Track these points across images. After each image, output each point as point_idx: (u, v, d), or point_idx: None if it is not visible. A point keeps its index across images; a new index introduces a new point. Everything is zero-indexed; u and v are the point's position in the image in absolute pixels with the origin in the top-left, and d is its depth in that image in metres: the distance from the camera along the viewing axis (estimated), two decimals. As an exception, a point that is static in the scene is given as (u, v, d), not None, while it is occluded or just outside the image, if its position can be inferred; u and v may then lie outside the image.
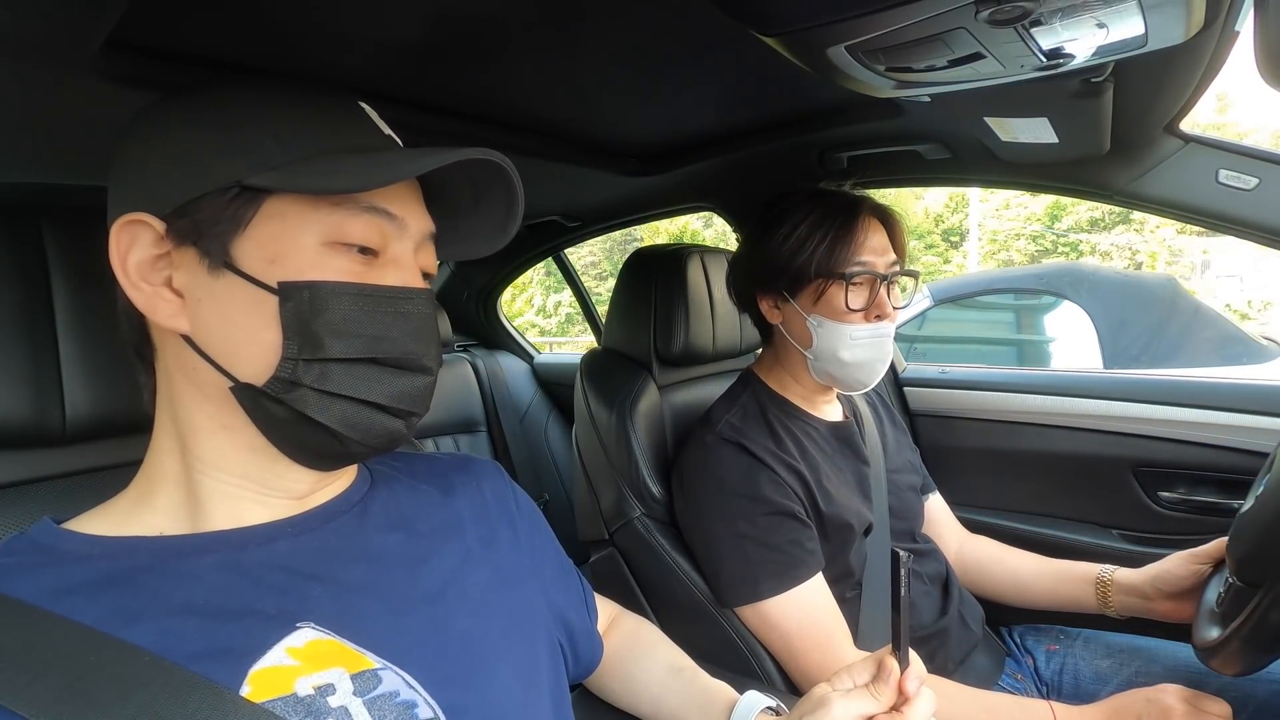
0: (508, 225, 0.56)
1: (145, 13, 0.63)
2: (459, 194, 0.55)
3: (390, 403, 0.49)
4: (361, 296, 0.47)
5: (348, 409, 0.48)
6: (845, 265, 0.95)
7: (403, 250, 0.51)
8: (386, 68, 0.86)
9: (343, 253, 0.48)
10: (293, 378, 0.46)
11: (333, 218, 0.47)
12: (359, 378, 0.48)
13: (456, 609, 0.54)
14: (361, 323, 0.47)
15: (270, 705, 0.42)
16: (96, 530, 0.48)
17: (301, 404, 0.47)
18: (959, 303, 3.93)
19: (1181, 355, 3.12)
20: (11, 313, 0.54)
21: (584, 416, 1.20)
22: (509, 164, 0.50)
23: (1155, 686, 0.81)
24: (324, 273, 0.47)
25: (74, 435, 0.57)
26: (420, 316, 0.50)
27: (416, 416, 0.52)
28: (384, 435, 0.50)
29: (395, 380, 0.49)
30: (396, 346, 0.49)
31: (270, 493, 0.51)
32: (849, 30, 0.62)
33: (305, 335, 0.46)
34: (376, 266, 0.49)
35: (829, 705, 0.55)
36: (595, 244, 14.51)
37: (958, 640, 1.00)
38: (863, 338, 0.96)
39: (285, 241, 0.46)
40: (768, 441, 0.98)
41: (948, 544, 1.18)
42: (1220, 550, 0.90)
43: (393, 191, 0.50)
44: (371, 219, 0.48)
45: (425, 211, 0.53)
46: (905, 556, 0.53)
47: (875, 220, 0.99)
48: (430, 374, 0.51)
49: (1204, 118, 14.80)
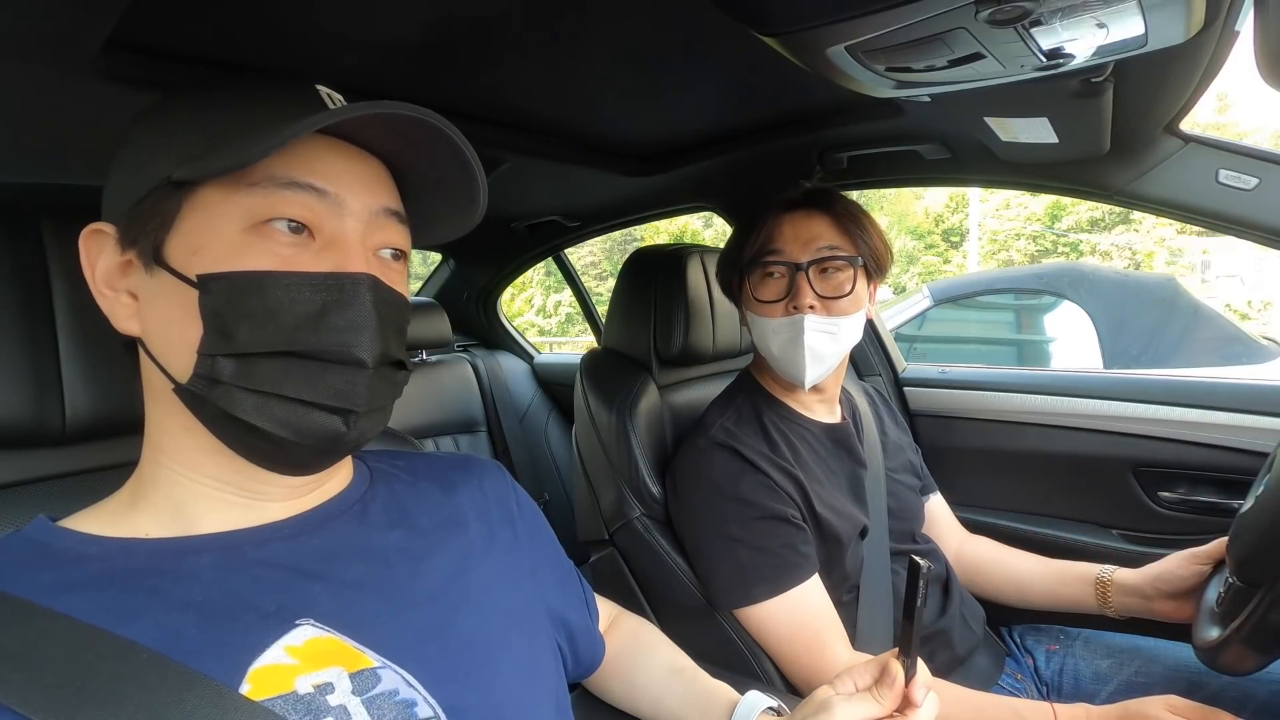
0: (473, 195, 0.52)
1: (145, 13, 0.63)
2: (421, 170, 0.52)
3: (321, 399, 0.45)
4: (281, 284, 0.44)
5: (276, 407, 0.45)
6: (751, 257, 0.97)
7: (342, 230, 0.47)
8: (386, 68, 0.86)
9: (268, 236, 0.45)
10: (212, 374, 0.44)
11: (250, 200, 0.45)
12: (280, 372, 0.45)
13: (458, 607, 0.53)
14: (281, 313, 0.44)
15: (270, 703, 0.42)
16: (91, 530, 0.48)
17: (227, 402, 0.45)
18: (959, 303, 3.93)
19: (1181, 355, 3.12)
20: (11, 313, 0.53)
21: (584, 416, 1.20)
22: (442, 122, 0.46)
23: (1140, 699, 0.78)
24: (245, 261, 0.44)
25: (74, 435, 0.57)
26: (355, 304, 0.46)
27: (356, 414, 0.47)
28: (320, 435, 0.46)
29: (324, 375, 0.45)
30: (324, 337, 0.45)
31: (251, 496, 0.50)
32: (849, 30, 0.62)
33: (220, 329, 0.44)
34: (311, 251, 0.46)
35: (831, 708, 0.55)
36: (595, 244, 14.52)
37: (958, 640, 1.00)
38: (781, 329, 0.96)
39: (208, 232, 0.45)
40: (761, 445, 0.98)
41: (948, 544, 1.18)
42: (1220, 550, 0.90)
43: (321, 165, 0.47)
44: (294, 196, 0.45)
45: (377, 185, 0.50)
46: (926, 567, 0.52)
47: (805, 212, 0.97)
48: (364, 367, 0.46)
49: (1204, 118, 14.80)
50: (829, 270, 0.95)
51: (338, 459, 0.52)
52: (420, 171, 0.52)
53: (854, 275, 0.95)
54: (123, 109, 0.55)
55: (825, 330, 0.94)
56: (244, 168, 0.44)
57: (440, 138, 0.48)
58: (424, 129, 0.47)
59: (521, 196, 1.63)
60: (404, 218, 0.52)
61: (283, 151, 0.45)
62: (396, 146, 0.50)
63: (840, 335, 0.95)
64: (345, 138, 0.49)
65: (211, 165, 0.44)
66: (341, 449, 0.49)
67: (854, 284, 0.95)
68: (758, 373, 1.10)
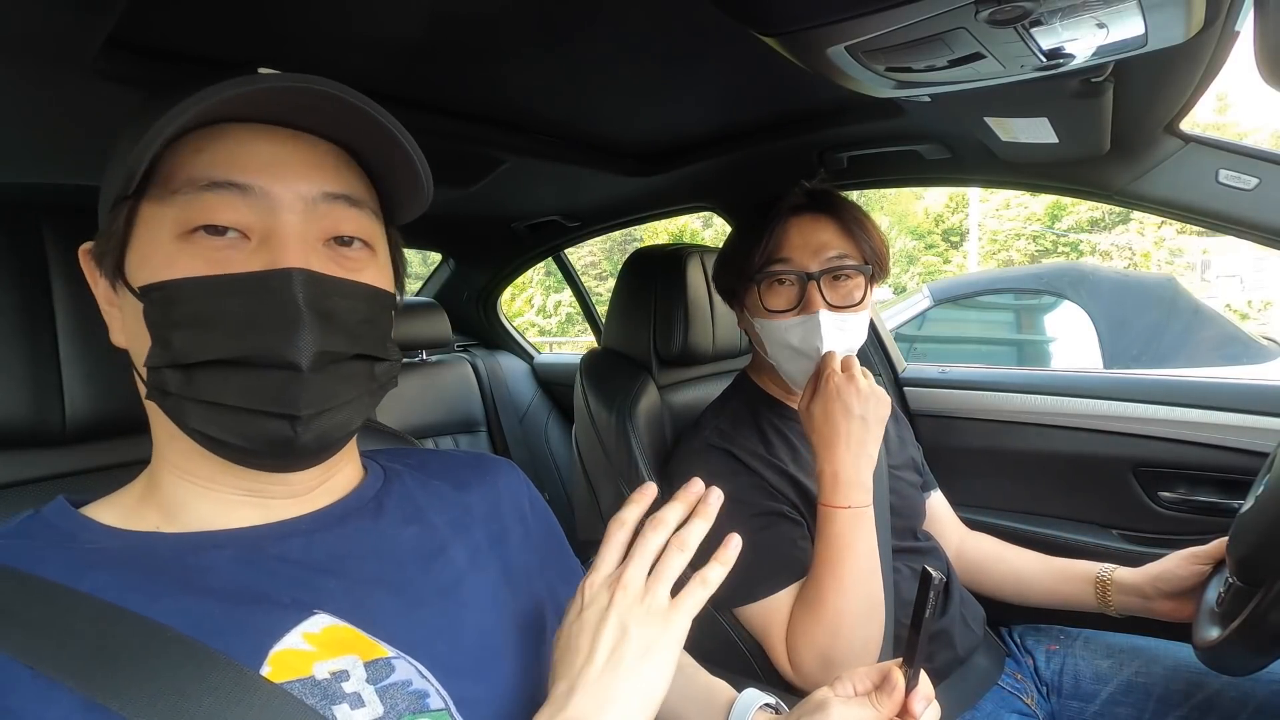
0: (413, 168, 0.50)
1: (145, 13, 0.63)
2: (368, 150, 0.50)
3: (259, 405, 0.44)
4: (207, 289, 0.43)
5: (222, 415, 0.44)
6: (760, 266, 0.96)
7: (276, 225, 0.45)
8: (386, 68, 0.86)
9: (197, 242, 0.44)
10: (161, 385, 0.44)
11: (174, 209, 0.44)
12: (221, 381, 0.44)
13: (469, 602, 0.54)
14: (211, 319, 0.43)
15: (289, 686, 0.43)
16: (109, 520, 0.49)
17: (178, 413, 0.45)
18: (959, 303, 3.94)
19: (1181, 355, 3.12)
20: (11, 313, 0.54)
21: (584, 416, 1.20)
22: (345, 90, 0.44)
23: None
24: (178, 270, 0.43)
25: (74, 435, 0.57)
26: (281, 302, 0.43)
27: (299, 418, 0.44)
28: (268, 440, 0.45)
29: (258, 380, 0.44)
30: (253, 341, 0.43)
31: (256, 495, 0.50)
32: (849, 30, 0.62)
33: (162, 340, 0.44)
34: (246, 250, 0.44)
35: (828, 709, 0.55)
36: (595, 244, 14.51)
37: (958, 640, 1.00)
38: (794, 327, 0.95)
39: (150, 244, 0.45)
40: (757, 446, 0.98)
41: (948, 542, 1.18)
42: (1220, 550, 0.90)
43: (245, 159, 0.45)
44: (215, 197, 0.44)
45: (317, 171, 0.47)
46: (937, 578, 0.52)
47: (811, 217, 0.97)
48: (295, 369, 0.43)
49: (1204, 118, 14.81)
50: (840, 279, 0.96)
51: (316, 459, 0.50)
52: (366, 149, 0.50)
53: (864, 283, 0.96)
54: (122, 109, 0.55)
55: (837, 326, 0.95)
56: (134, 176, 0.43)
57: (365, 115, 0.46)
58: (344, 106, 0.45)
59: (521, 196, 1.63)
60: (356, 200, 0.49)
61: (202, 150, 0.45)
62: (336, 127, 0.47)
63: (849, 331, 0.96)
64: (279, 123, 0.47)
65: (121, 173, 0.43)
66: (299, 451, 0.46)
67: (865, 292, 0.96)
68: (756, 375, 1.10)
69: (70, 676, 0.38)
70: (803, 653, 0.87)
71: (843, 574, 0.84)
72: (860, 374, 0.89)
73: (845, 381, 0.88)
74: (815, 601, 0.85)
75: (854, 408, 0.87)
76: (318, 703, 0.43)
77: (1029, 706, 1.00)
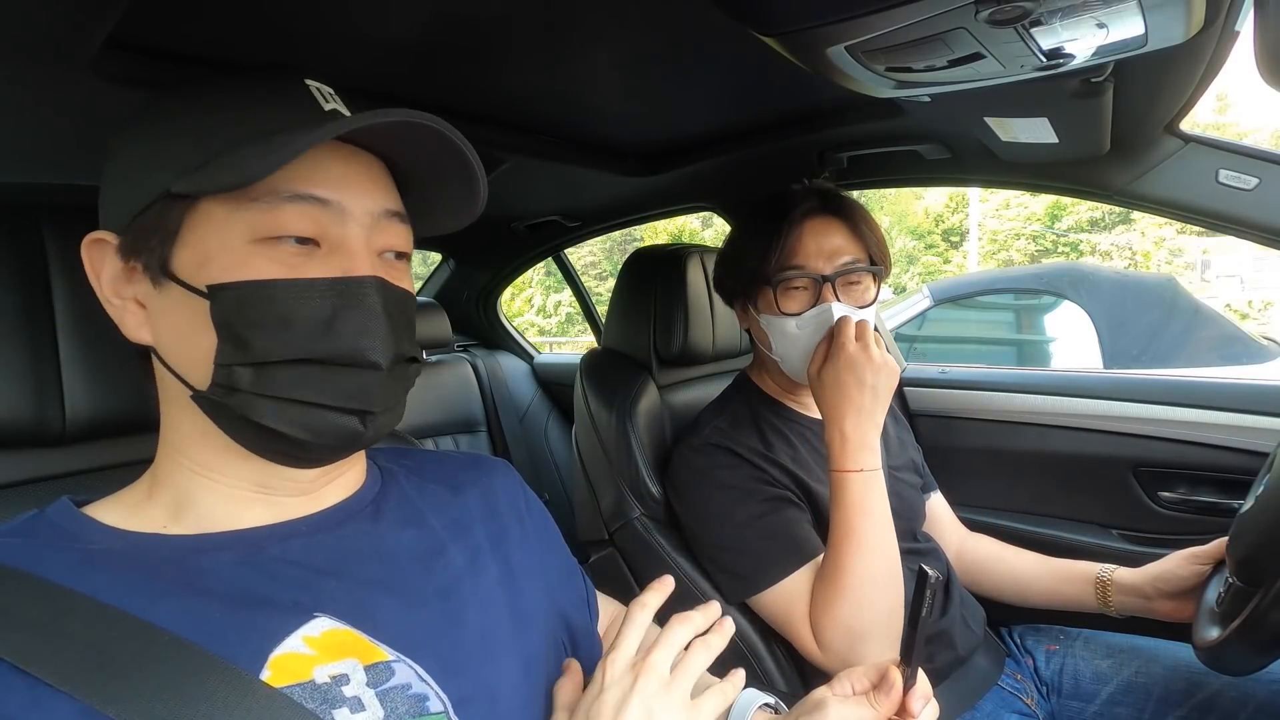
0: (473, 189, 0.52)
1: (145, 13, 0.63)
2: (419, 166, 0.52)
3: (337, 402, 0.46)
4: (291, 293, 0.45)
5: (293, 411, 0.46)
6: (775, 271, 0.96)
7: (346, 235, 0.48)
8: (387, 68, 0.86)
9: (274, 247, 0.45)
10: (229, 383, 0.45)
11: (254, 214, 0.45)
12: (297, 378, 0.45)
13: (468, 603, 0.54)
14: (294, 320, 0.45)
15: (289, 691, 0.43)
16: (111, 520, 0.49)
17: (245, 408, 0.45)
18: (959, 303, 3.94)
19: (1181, 355, 3.12)
20: (11, 313, 0.54)
21: (584, 416, 1.20)
22: (448, 128, 0.47)
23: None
24: (253, 271, 0.45)
25: (74, 435, 0.57)
26: (365, 308, 0.47)
27: (373, 415, 0.48)
28: (338, 435, 0.47)
29: (339, 378, 0.46)
30: (336, 343, 0.46)
31: (269, 492, 0.51)
32: (849, 30, 0.62)
33: (235, 338, 0.45)
34: (318, 257, 0.47)
35: (825, 709, 0.56)
36: (595, 244, 14.52)
37: (958, 641, 1.00)
38: (808, 321, 0.95)
39: (214, 243, 0.45)
40: (755, 443, 0.98)
41: (948, 542, 1.18)
42: (1220, 550, 0.90)
43: (322, 173, 0.47)
44: (299, 207, 0.46)
45: (378, 187, 0.50)
46: (934, 578, 0.53)
47: (822, 220, 0.97)
48: (378, 369, 0.47)
49: (1204, 118, 14.81)
50: (853, 282, 0.97)
51: (354, 453, 0.53)
52: (418, 166, 0.52)
53: (873, 283, 0.98)
54: (122, 109, 0.55)
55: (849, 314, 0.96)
56: (246, 186, 0.44)
57: (443, 140, 0.48)
58: (427, 133, 0.47)
59: (521, 196, 1.63)
60: (405, 217, 0.52)
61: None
62: (397, 146, 0.50)
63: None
64: (344, 140, 0.49)
65: (213, 181, 0.44)
66: (359, 446, 0.51)
67: (874, 292, 0.98)
68: (756, 375, 1.10)
69: (66, 682, 0.38)
70: (828, 630, 0.86)
71: (862, 538, 0.84)
72: (873, 342, 0.90)
73: (860, 350, 0.88)
74: (836, 573, 0.85)
75: (866, 378, 0.87)
76: (317, 707, 0.43)
77: (1029, 706, 1.01)
